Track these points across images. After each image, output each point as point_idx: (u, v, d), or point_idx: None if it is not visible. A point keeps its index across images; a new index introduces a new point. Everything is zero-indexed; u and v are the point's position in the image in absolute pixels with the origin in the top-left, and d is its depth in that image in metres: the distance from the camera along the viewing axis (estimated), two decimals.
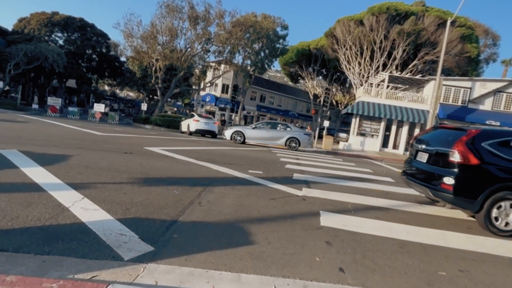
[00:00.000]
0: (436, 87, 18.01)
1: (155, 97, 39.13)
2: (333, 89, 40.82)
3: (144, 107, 27.38)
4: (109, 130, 14.82)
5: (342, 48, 31.63)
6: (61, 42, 37.98)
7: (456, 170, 4.13)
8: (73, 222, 2.88)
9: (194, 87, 40.56)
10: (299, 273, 2.42)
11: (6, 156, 5.34)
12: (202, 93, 40.55)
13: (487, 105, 22.29)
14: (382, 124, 22.68)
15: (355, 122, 23.12)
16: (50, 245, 2.39)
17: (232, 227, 3.27)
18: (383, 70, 28.70)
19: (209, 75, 37.71)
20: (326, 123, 20.21)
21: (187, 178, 5.46)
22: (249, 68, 34.81)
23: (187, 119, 20.65)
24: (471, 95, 22.36)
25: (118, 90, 70.60)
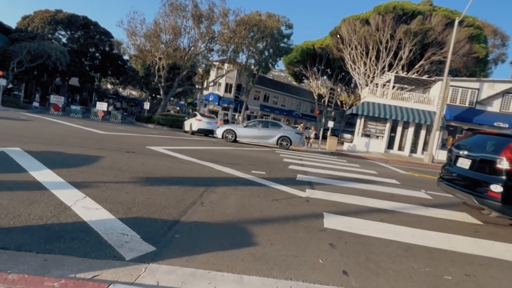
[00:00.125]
0: (443, 88, 17.82)
1: (158, 96, 39.20)
2: (338, 89, 40.60)
3: (147, 106, 27.42)
4: (112, 129, 14.88)
5: (348, 48, 31.43)
6: (64, 40, 38.18)
7: (504, 178, 4.02)
8: (75, 221, 2.87)
9: (197, 86, 40.62)
10: (302, 275, 2.38)
11: (9, 154, 5.37)
12: (205, 92, 40.62)
13: (495, 107, 21.95)
14: (388, 125, 22.45)
15: (360, 123, 22.92)
16: (52, 243, 2.38)
17: (234, 228, 3.24)
18: (389, 70, 28.47)
19: (213, 74, 37.71)
20: (331, 123, 20.09)
21: (189, 178, 5.44)
22: (252, 67, 34.75)
23: (190, 118, 20.67)
24: (479, 96, 22.02)
25: (120, 89, 70.97)
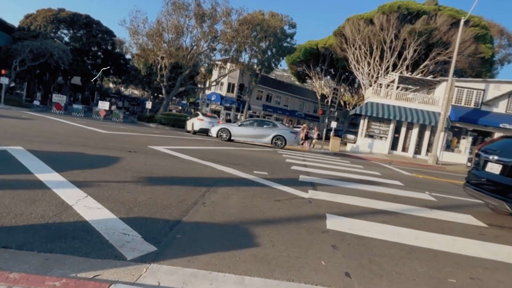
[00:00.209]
0: (448, 89, 17.68)
1: (160, 95, 39.32)
2: (341, 90, 40.44)
3: (149, 105, 27.48)
4: (114, 128, 14.92)
5: (351, 48, 31.29)
6: (66, 39, 38.30)
7: None
8: (76, 221, 2.86)
9: (199, 85, 40.61)
10: (304, 277, 2.36)
11: (11, 153, 5.38)
12: (207, 92, 40.63)
13: (501, 108, 21.72)
14: (391, 125, 22.32)
15: (363, 123, 22.81)
16: (53, 243, 2.38)
17: (236, 229, 3.22)
18: (393, 71, 28.33)
19: (215, 74, 37.68)
20: (334, 124, 20.03)
21: (191, 178, 5.43)
22: (255, 67, 34.69)
23: (192, 118, 20.69)
24: (485, 97, 21.82)
25: (123, 88, 71.17)
